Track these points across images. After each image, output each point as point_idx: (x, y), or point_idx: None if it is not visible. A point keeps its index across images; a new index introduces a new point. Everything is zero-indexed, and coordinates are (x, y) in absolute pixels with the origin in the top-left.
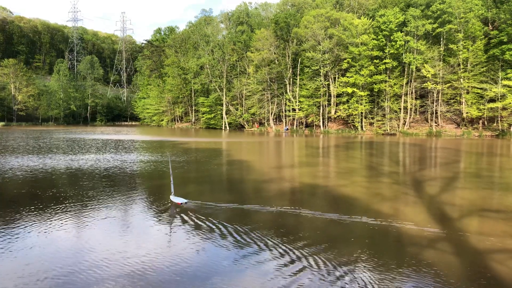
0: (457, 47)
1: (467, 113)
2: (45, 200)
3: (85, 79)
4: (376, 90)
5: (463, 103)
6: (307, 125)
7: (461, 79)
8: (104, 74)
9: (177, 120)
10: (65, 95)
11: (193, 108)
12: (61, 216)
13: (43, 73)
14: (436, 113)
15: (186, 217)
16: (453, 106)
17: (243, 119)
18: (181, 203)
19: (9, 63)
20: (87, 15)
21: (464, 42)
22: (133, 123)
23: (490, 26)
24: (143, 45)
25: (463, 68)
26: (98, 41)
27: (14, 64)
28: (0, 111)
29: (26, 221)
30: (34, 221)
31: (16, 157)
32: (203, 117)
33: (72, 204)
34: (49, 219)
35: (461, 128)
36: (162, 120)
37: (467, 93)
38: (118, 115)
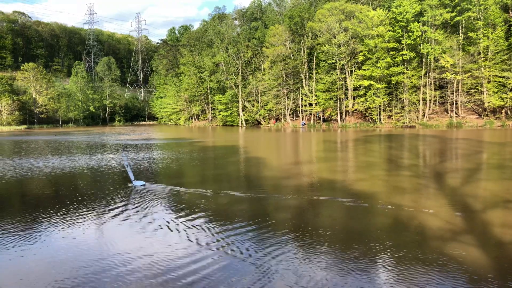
0: (476, 35)
1: (488, 102)
2: (64, 200)
3: (102, 80)
4: (393, 82)
5: (484, 93)
6: (324, 120)
7: (482, 68)
8: (121, 74)
9: (194, 118)
10: (83, 97)
11: (210, 106)
12: (82, 216)
13: (62, 75)
14: (456, 103)
15: (195, 212)
16: (474, 96)
17: (260, 115)
18: (141, 185)
19: (29, 67)
20: (103, 17)
21: (484, 30)
22: (151, 122)
23: (510, 12)
24: (158, 44)
25: (483, 57)
26: (114, 42)
27: (34, 68)
28: (22, 114)
29: (48, 221)
30: (55, 221)
31: (38, 159)
32: (220, 114)
33: (90, 204)
34: (70, 219)
35: (482, 118)
36: (180, 119)
37: (488, 82)
38: (136, 115)
